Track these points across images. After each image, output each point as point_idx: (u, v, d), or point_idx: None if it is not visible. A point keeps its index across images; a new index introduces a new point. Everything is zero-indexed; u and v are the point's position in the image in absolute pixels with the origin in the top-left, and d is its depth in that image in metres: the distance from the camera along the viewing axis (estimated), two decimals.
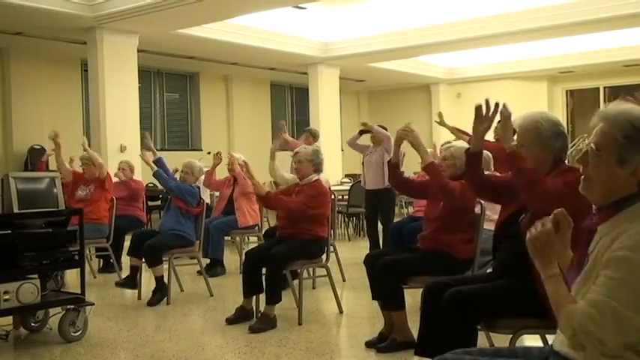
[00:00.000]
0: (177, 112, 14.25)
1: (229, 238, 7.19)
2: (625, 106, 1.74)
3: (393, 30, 11.90)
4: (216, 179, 7.23)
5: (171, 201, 5.71)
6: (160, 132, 13.74)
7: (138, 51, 10.35)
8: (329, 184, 5.37)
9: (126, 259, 6.25)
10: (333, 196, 5.54)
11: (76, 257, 4.18)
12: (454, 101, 17.13)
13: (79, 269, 4.30)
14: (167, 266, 5.45)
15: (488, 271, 3.61)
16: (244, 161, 5.82)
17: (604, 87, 16.00)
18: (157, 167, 6.37)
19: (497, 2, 10.42)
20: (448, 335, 2.63)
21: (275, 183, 7.02)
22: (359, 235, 9.87)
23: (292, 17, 10.91)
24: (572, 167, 2.75)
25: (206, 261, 6.64)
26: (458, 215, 3.81)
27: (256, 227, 6.95)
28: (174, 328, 4.55)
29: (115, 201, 6.60)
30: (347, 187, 9.84)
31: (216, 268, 6.64)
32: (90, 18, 9.24)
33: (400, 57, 13.68)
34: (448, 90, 17.18)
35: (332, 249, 5.73)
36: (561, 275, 1.74)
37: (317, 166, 4.83)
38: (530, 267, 2.55)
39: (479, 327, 2.74)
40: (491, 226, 4.34)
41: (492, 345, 3.64)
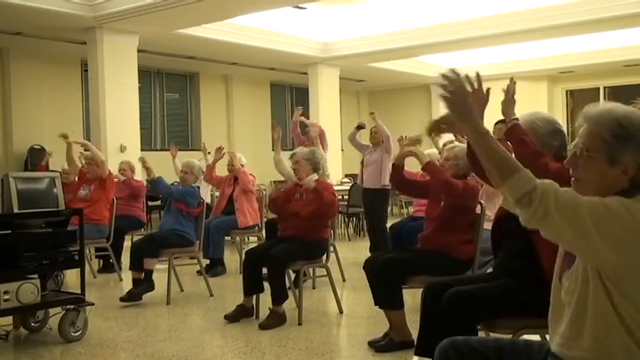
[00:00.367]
0: (177, 112, 14.24)
1: (229, 238, 7.20)
2: (608, 105, 1.73)
3: (393, 30, 11.89)
4: (217, 175, 7.24)
5: (171, 202, 5.71)
6: (160, 132, 13.73)
7: (138, 51, 10.35)
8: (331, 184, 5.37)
9: (126, 260, 6.25)
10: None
11: (76, 257, 4.18)
12: None
13: (79, 269, 4.30)
14: (167, 266, 5.46)
15: (488, 271, 3.61)
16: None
17: (604, 87, 15.99)
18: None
19: (497, 2, 10.42)
20: (448, 335, 2.63)
21: (275, 182, 7.02)
22: (359, 235, 9.87)
23: (292, 17, 10.91)
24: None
25: (206, 261, 6.65)
26: (458, 215, 3.81)
27: (256, 227, 6.95)
28: (174, 328, 4.56)
29: (116, 201, 6.61)
30: (347, 187, 9.84)
31: (216, 268, 6.64)
32: (90, 18, 9.24)
33: (400, 57, 13.67)
34: None
35: (332, 249, 5.73)
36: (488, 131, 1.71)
37: (315, 165, 4.84)
38: (530, 267, 2.54)
39: (479, 327, 2.74)
40: (490, 226, 4.35)
41: None
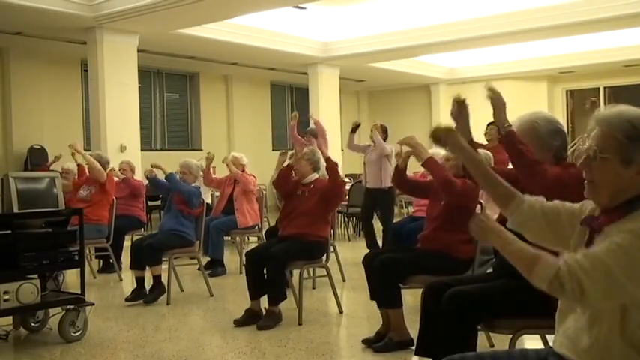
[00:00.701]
0: (177, 112, 14.24)
1: (229, 238, 7.20)
2: (619, 108, 1.74)
3: (393, 30, 11.89)
4: (216, 177, 7.25)
5: (171, 201, 5.69)
6: (160, 132, 13.73)
7: (138, 51, 10.34)
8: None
9: (126, 260, 6.25)
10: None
11: (76, 257, 4.19)
12: None
13: (79, 269, 4.30)
14: (167, 266, 5.46)
15: (488, 271, 3.60)
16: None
17: (604, 87, 15.98)
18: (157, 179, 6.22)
19: (497, 2, 10.42)
20: (448, 335, 2.64)
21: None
22: (359, 235, 9.86)
23: (292, 17, 10.90)
24: (574, 163, 2.74)
25: (206, 259, 6.65)
26: (458, 215, 3.81)
27: (256, 227, 6.96)
28: (174, 328, 4.56)
29: (115, 201, 6.61)
30: (347, 187, 9.84)
31: (216, 268, 6.64)
32: (90, 18, 9.23)
33: (400, 57, 13.67)
34: (448, 90, 17.16)
35: (332, 249, 5.74)
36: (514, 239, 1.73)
37: (315, 165, 4.89)
38: None
39: (479, 327, 2.74)
40: None
41: (492, 345, 3.65)
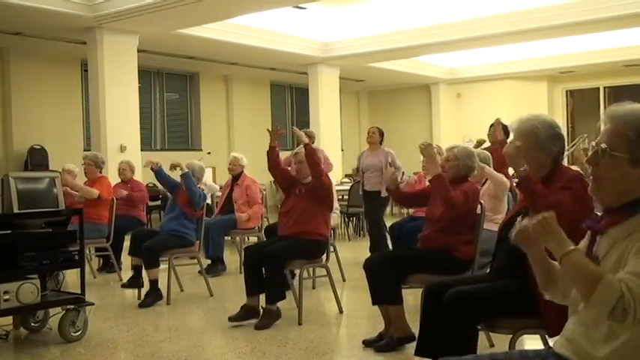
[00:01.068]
0: (177, 112, 14.23)
1: (229, 238, 7.20)
2: (633, 106, 1.72)
3: (393, 30, 11.88)
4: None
5: (175, 202, 5.67)
6: (160, 132, 13.73)
7: (138, 51, 10.34)
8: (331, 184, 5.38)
9: (126, 260, 6.25)
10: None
11: (76, 257, 4.18)
12: (454, 101, 17.13)
13: (79, 269, 4.30)
14: (167, 266, 5.45)
15: (488, 271, 3.61)
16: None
17: (604, 87, 15.97)
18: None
19: (497, 2, 10.42)
20: (448, 335, 2.64)
21: (275, 183, 7.01)
22: (359, 235, 9.87)
23: (292, 17, 10.90)
24: (577, 174, 2.73)
25: (207, 262, 6.64)
26: (459, 218, 3.81)
27: (256, 227, 6.96)
28: (174, 328, 4.56)
29: (115, 201, 6.60)
30: (347, 187, 9.84)
31: (216, 267, 6.65)
32: (90, 18, 9.23)
33: (400, 57, 13.67)
34: (448, 90, 17.18)
35: (332, 249, 5.73)
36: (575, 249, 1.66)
37: None
38: (528, 267, 2.55)
39: (479, 327, 2.74)
40: (490, 227, 4.35)
41: (492, 345, 3.65)
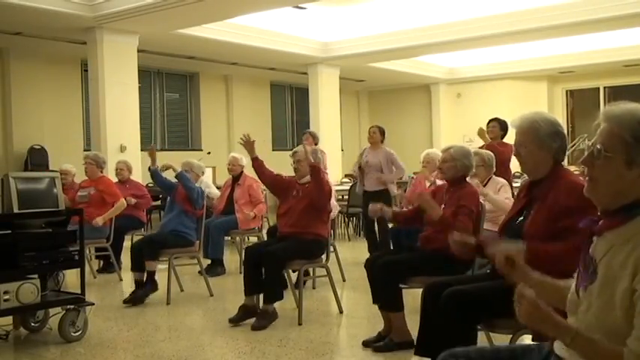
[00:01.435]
0: (177, 112, 14.24)
1: (229, 238, 7.20)
2: (630, 106, 1.69)
3: (393, 30, 11.89)
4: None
5: (174, 200, 5.68)
6: (160, 132, 13.74)
7: (138, 51, 10.34)
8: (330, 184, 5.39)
9: (126, 260, 6.25)
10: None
11: (76, 257, 4.18)
12: (454, 101, 17.13)
13: (79, 269, 4.30)
14: (167, 266, 5.46)
15: (487, 271, 3.60)
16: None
17: (604, 87, 15.99)
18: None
19: (497, 2, 10.42)
20: (448, 335, 2.64)
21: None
22: (359, 235, 9.86)
23: (292, 17, 10.90)
24: (578, 179, 2.72)
25: (206, 261, 6.65)
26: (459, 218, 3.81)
27: (256, 227, 6.95)
28: (174, 328, 4.56)
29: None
30: (347, 187, 9.84)
31: (216, 268, 6.64)
32: (90, 18, 9.23)
33: (400, 57, 13.67)
34: (448, 90, 17.19)
35: (332, 249, 5.73)
36: (578, 330, 1.62)
37: None
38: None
39: (479, 327, 2.74)
40: (490, 226, 4.36)
41: (492, 345, 3.64)
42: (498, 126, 6.83)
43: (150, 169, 5.71)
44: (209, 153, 13.51)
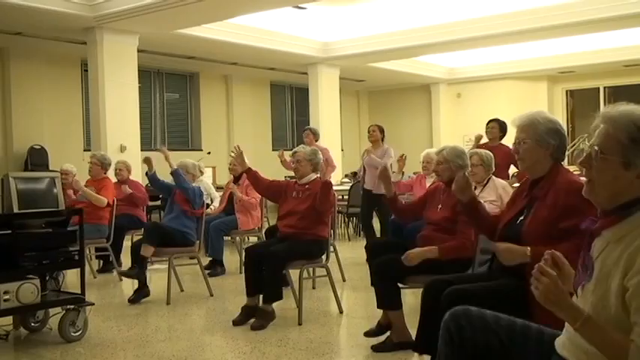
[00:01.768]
0: (177, 112, 14.24)
1: (229, 238, 7.20)
2: (627, 108, 1.70)
3: (393, 30, 11.89)
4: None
5: (173, 201, 5.68)
6: (160, 132, 13.73)
7: (138, 51, 10.34)
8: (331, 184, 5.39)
9: (126, 260, 6.25)
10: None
11: (76, 257, 4.18)
12: (454, 101, 17.13)
13: (79, 269, 4.30)
14: (167, 266, 5.45)
15: (487, 270, 3.60)
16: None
17: (604, 87, 15.99)
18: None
19: (497, 2, 10.42)
20: None
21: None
22: (359, 235, 9.86)
23: (292, 17, 10.90)
24: (577, 178, 2.72)
25: (207, 259, 6.65)
26: (458, 222, 3.81)
27: (256, 228, 6.95)
28: (174, 328, 4.56)
29: (115, 201, 6.59)
30: (347, 187, 9.84)
31: (215, 268, 6.64)
32: (90, 18, 9.23)
33: (400, 57, 13.67)
34: (448, 90, 17.19)
35: (332, 249, 5.73)
36: (589, 315, 1.63)
37: (315, 166, 4.89)
38: (526, 266, 2.54)
39: None
40: None
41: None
42: (498, 127, 6.82)
43: (147, 175, 5.76)
44: (209, 153, 13.50)
